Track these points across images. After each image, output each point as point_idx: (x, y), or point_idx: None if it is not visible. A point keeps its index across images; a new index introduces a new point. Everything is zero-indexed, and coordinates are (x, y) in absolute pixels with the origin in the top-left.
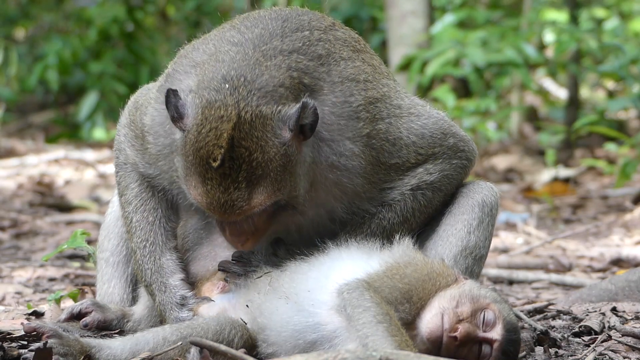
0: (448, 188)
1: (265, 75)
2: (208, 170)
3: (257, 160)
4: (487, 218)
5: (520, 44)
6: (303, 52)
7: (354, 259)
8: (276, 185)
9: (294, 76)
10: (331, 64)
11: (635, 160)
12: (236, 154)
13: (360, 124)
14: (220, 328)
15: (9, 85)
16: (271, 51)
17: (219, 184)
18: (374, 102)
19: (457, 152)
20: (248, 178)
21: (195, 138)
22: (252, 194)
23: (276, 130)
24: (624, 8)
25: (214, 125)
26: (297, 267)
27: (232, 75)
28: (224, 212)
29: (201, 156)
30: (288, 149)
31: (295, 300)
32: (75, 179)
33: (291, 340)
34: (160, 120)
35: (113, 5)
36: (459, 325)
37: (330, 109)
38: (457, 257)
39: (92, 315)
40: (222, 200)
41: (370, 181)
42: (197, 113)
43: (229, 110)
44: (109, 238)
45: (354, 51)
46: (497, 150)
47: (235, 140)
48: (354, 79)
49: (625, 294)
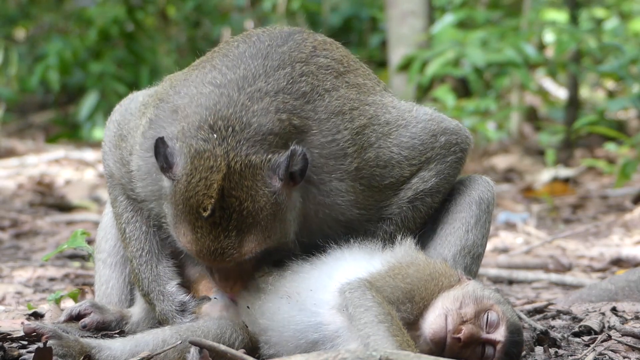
0: (447, 187)
1: (254, 123)
2: (198, 219)
3: (247, 209)
4: (484, 215)
5: (520, 44)
6: (288, 91)
7: (357, 259)
8: (266, 233)
9: (283, 119)
10: (316, 100)
11: (635, 160)
12: (226, 203)
13: (348, 160)
14: (221, 331)
15: (9, 85)
16: (257, 93)
17: (209, 232)
18: (361, 131)
19: (451, 148)
20: (238, 227)
21: (185, 187)
22: (243, 242)
23: (266, 179)
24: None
25: (203, 175)
26: (299, 267)
27: (220, 125)
28: (214, 260)
29: (191, 205)
30: (278, 197)
31: (297, 299)
32: (75, 179)
33: (293, 340)
34: (146, 169)
35: (113, 5)
36: (462, 326)
37: (319, 150)
38: (456, 257)
39: (90, 317)
40: (212, 248)
41: (365, 206)
42: (186, 163)
43: (218, 161)
44: (106, 239)
45: (337, 76)
46: (497, 150)
47: (226, 190)
48: (340, 112)
49: (625, 294)
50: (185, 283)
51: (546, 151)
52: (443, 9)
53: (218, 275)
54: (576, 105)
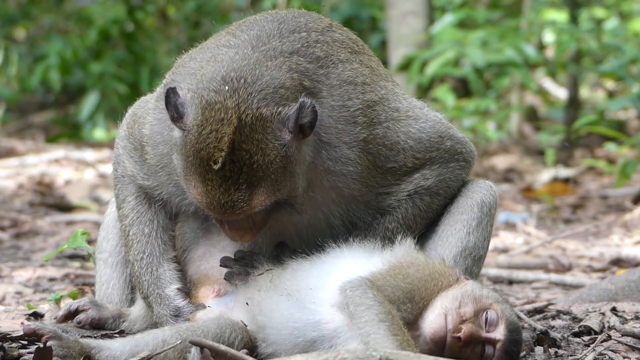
0: (447, 191)
1: (265, 76)
2: (208, 171)
3: (257, 162)
4: (486, 218)
5: (520, 44)
6: (302, 53)
7: (357, 258)
8: (276, 185)
9: (295, 77)
10: (329, 66)
11: (635, 160)
12: (237, 157)
13: (358, 128)
14: (221, 331)
15: (9, 85)
16: (271, 51)
17: (219, 185)
18: (371, 106)
19: (455, 155)
20: (249, 180)
21: (196, 139)
22: (253, 195)
23: (276, 132)
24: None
25: (214, 128)
26: (299, 264)
27: (232, 76)
28: (224, 212)
29: (201, 157)
30: (288, 149)
31: (297, 297)
32: (75, 179)
33: (291, 339)
34: (159, 129)
35: (113, 5)
36: (462, 325)
37: (329, 112)
38: (456, 258)
39: (86, 313)
40: (222, 201)
41: (367, 185)
42: (197, 114)
43: (229, 113)
44: (107, 239)
45: (352, 53)
46: (497, 150)
47: (236, 143)
48: (352, 82)
49: (625, 294)
50: (185, 287)
51: (546, 151)
52: (443, 9)
53: (228, 226)
54: (576, 105)
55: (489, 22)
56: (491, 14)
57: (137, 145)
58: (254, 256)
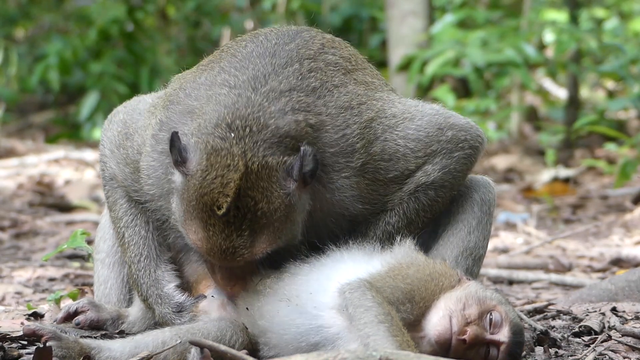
0: (453, 183)
1: (271, 125)
2: (211, 216)
3: (262, 209)
4: (485, 217)
5: (520, 44)
6: (300, 88)
7: (356, 260)
8: (278, 233)
9: (300, 119)
10: (326, 95)
11: (635, 160)
12: (242, 203)
13: (356, 156)
14: (222, 333)
15: (9, 85)
16: (272, 93)
17: (221, 230)
18: (368, 124)
19: (458, 144)
20: (252, 227)
21: (200, 184)
22: (255, 242)
23: (281, 181)
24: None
25: (220, 173)
26: (297, 269)
27: (238, 124)
28: (224, 258)
29: (205, 202)
30: (292, 198)
31: (297, 302)
32: (75, 179)
33: (294, 343)
34: (157, 169)
35: (113, 5)
36: (467, 327)
37: (330, 148)
38: (458, 258)
39: (85, 315)
40: (223, 247)
41: (370, 201)
42: (201, 159)
43: (235, 160)
44: (104, 239)
45: (346, 73)
46: (497, 150)
47: (242, 190)
48: (348, 107)
49: (625, 294)
50: (184, 285)
51: (546, 151)
52: (443, 9)
53: (220, 274)
54: (576, 105)
55: (489, 22)
56: (491, 14)
57: (130, 162)
58: None
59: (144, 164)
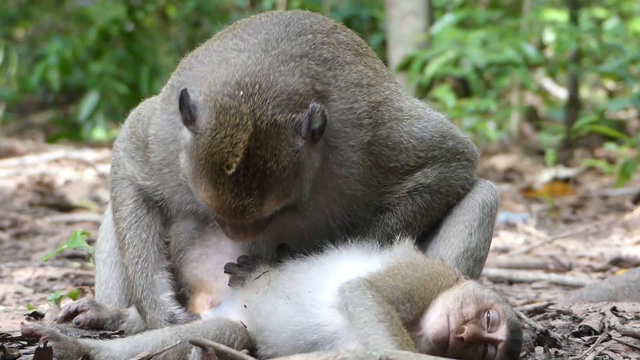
0: (448, 190)
1: (280, 83)
2: (220, 175)
3: (270, 168)
4: (487, 219)
5: (520, 44)
6: (311, 56)
7: (355, 259)
8: (287, 191)
9: (307, 82)
10: (336, 68)
11: (635, 160)
12: (251, 162)
13: (363, 131)
14: (220, 332)
15: (9, 85)
16: (282, 55)
17: (230, 189)
18: (376, 107)
19: (456, 155)
20: (261, 185)
21: (209, 143)
22: (264, 201)
23: (290, 138)
24: (624, 8)
25: (229, 132)
26: (296, 266)
27: (247, 81)
28: (234, 217)
29: (214, 161)
30: (300, 156)
31: (296, 300)
32: (75, 179)
33: (291, 341)
34: (165, 128)
35: (113, 5)
36: (464, 326)
37: (338, 115)
38: (458, 259)
39: (85, 314)
40: (233, 205)
41: (369, 185)
42: (210, 117)
43: (244, 119)
44: (106, 239)
45: (357, 55)
46: (497, 150)
47: (251, 149)
48: (358, 84)
49: (625, 294)
50: (179, 294)
51: (546, 151)
52: (443, 9)
53: (230, 228)
54: (576, 105)
55: (489, 22)
56: (491, 14)
57: (140, 144)
58: (256, 260)
59: (153, 129)
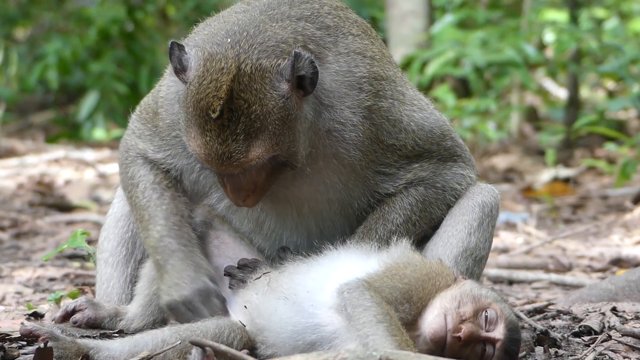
0: (445, 186)
1: (268, 31)
2: (207, 121)
3: (255, 112)
4: (487, 219)
5: (520, 44)
6: (311, 20)
7: (353, 260)
8: (274, 139)
9: (298, 39)
10: (339, 36)
11: (635, 160)
12: (235, 105)
13: (363, 95)
14: (219, 330)
15: (9, 85)
16: (278, 15)
17: (217, 135)
18: (378, 79)
19: (454, 156)
20: (246, 130)
21: (196, 90)
22: (250, 147)
23: (274, 82)
24: (624, 8)
25: (214, 77)
26: (296, 267)
27: (235, 30)
28: (221, 164)
29: (201, 107)
30: (286, 102)
31: (295, 300)
32: (75, 179)
33: (290, 342)
34: (172, 90)
35: (113, 5)
36: (462, 325)
37: (334, 76)
38: (457, 258)
39: (83, 313)
40: (219, 152)
41: (368, 158)
42: (198, 65)
43: (229, 63)
44: (108, 239)
45: (364, 32)
46: (497, 150)
47: (235, 92)
48: (361, 53)
49: (625, 294)
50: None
51: (546, 151)
52: (443, 9)
53: (229, 185)
54: (576, 105)
55: (489, 22)
56: (491, 14)
57: (150, 115)
58: (257, 263)
59: (163, 92)
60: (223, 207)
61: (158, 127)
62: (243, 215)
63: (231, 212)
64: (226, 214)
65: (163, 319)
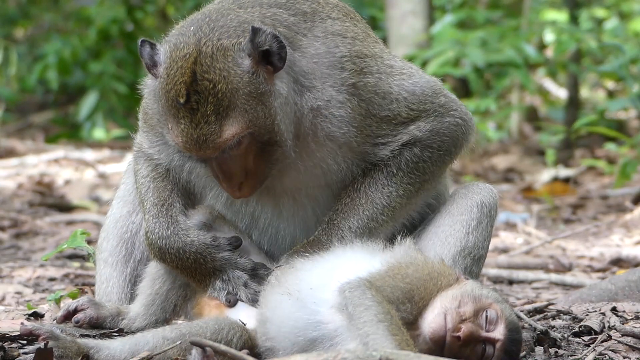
0: (440, 146)
1: (232, 15)
2: (178, 109)
3: (222, 91)
4: (485, 219)
5: (520, 44)
6: (286, 7)
7: (357, 258)
8: (246, 115)
9: (266, 22)
10: (316, 21)
11: (635, 160)
12: (200, 87)
13: (345, 73)
14: (219, 328)
15: (9, 85)
16: (248, 3)
17: (190, 120)
18: (361, 57)
19: (450, 111)
20: (216, 111)
21: (165, 80)
22: (223, 126)
23: (237, 59)
24: (624, 8)
25: (179, 65)
26: (301, 264)
27: (199, 18)
28: (199, 148)
29: (171, 97)
30: (252, 77)
31: (298, 296)
32: (75, 179)
33: (291, 337)
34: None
35: (113, 5)
36: (462, 325)
37: (311, 59)
38: (455, 258)
39: (85, 312)
40: (194, 136)
41: (363, 133)
42: (166, 57)
43: (191, 48)
44: (108, 239)
45: (345, 15)
46: (497, 150)
47: (198, 74)
48: (341, 34)
49: (625, 294)
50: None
51: (546, 151)
52: (443, 9)
53: (221, 175)
54: (576, 105)
55: (489, 22)
56: (491, 14)
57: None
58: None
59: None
60: (221, 205)
61: (149, 122)
62: (238, 208)
63: (226, 208)
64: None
65: (165, 319)
